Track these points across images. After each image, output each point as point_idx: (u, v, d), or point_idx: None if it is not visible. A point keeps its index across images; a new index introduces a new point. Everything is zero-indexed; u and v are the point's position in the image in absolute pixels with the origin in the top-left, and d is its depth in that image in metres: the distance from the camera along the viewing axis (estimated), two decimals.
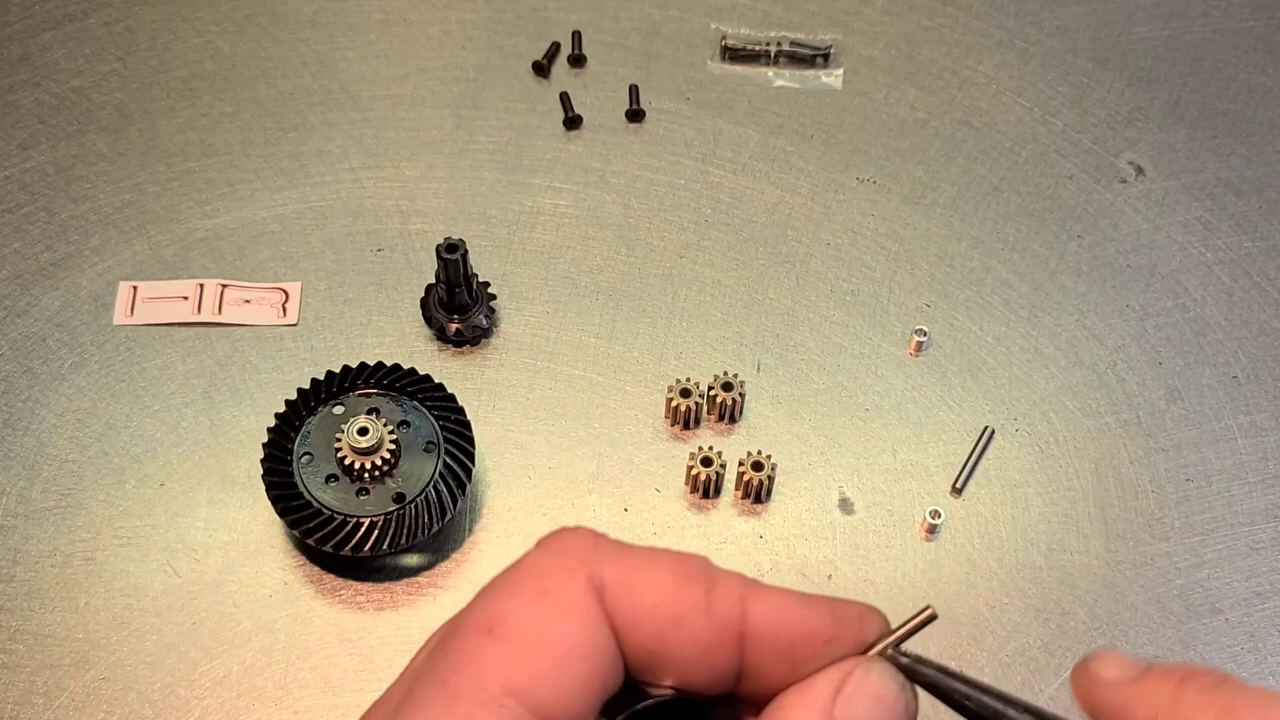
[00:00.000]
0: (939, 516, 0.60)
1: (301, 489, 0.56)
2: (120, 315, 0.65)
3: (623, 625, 0.30)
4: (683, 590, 0.30)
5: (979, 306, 0.67)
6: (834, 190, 0.71)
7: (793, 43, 0.75)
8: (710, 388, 0.62)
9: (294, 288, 0.66)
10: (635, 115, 0.73)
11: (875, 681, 0.31)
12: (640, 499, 0.61)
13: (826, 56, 0.75)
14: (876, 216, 0.70)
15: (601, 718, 0.31)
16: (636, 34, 0.76)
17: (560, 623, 0.30)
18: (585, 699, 0.30)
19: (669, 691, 0.32)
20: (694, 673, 0.31)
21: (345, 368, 0.59)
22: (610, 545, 0.31)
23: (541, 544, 0.31)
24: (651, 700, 0.32)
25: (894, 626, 0.32)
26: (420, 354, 0.64)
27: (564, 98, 0.73)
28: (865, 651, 0.31)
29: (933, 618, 0.32)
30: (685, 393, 0.62)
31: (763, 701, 0.31)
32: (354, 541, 0.55)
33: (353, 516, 0.56)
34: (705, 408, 0.63)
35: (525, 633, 0.29)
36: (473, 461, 0.58)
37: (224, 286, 0.66)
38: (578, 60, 0.74)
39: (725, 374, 0.63)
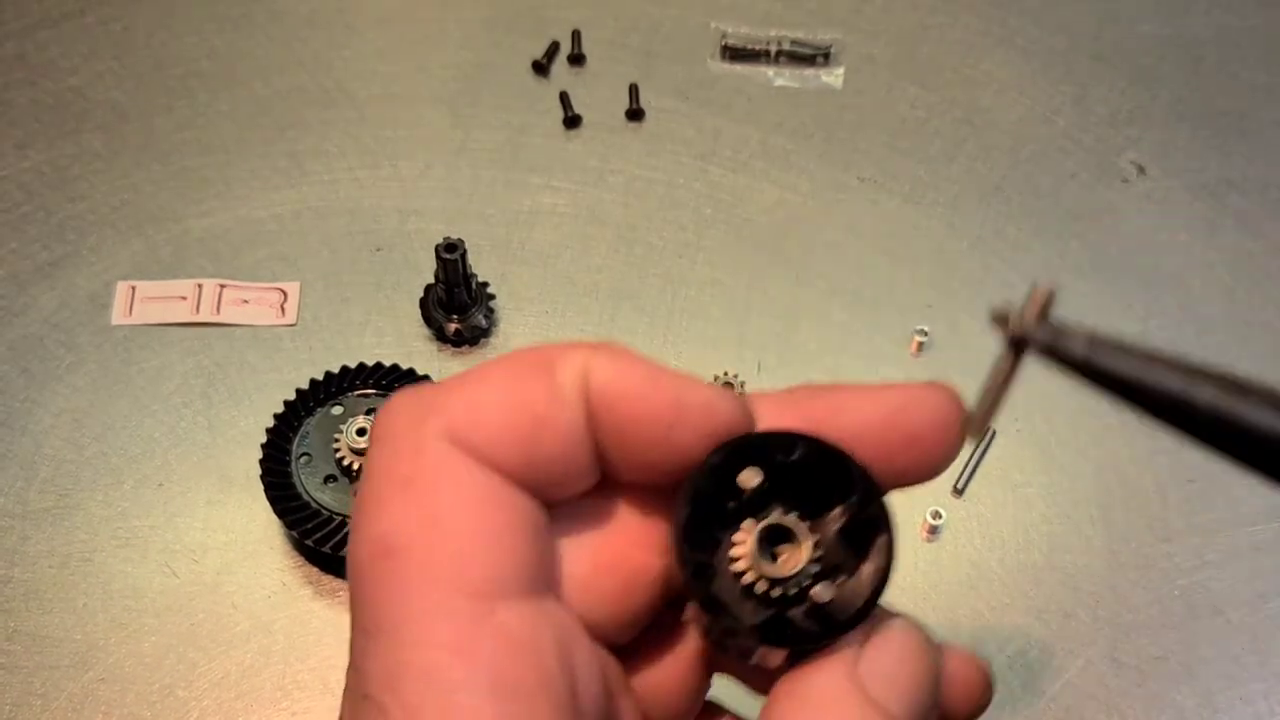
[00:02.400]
0: (940, 517, 0.60)
1: (300, 489, 0.56)
2: (118, 315, 0.64)
3: (490, 458, 0.28)
4: (524, 393, 0.28)
5: (980, 306, 0.67)
6: (835, 189, 0.70)
7: (793, 42, 0.75)
8: None
9: (292, 287, 0.66)
10: (635, 114, 0.72)
11: (899, 638, 0.29)
12: None
13: (827, 55, 0.75)
14: (877, 216, 0.70)
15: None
16: (636, 33, 0.76)
17: (441, 498, 0.27)
18: (516, 543, 0.28)
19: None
20: (566, 472, 0.29)
21: (344, 368, 0.59)
22: (434, 389, 0.28)
23: (373, 434, 0.29)
24: (768, 432, 0.30)
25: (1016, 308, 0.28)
26: (419, 354, 0.64)
27: (563, 97, 0.73)
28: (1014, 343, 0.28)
29: (1050, 295, 0.28)
30: None
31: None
32: None
33: (351, 517, 0.55)
34: None
35: (420, 535, 0.26)
36: None
37: (222, 286, 0.65)
38: (577, 59, 0.74)
39: (725, 374, 0.62)
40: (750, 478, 0.30)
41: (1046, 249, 0.69)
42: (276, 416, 0.58)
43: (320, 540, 0.55)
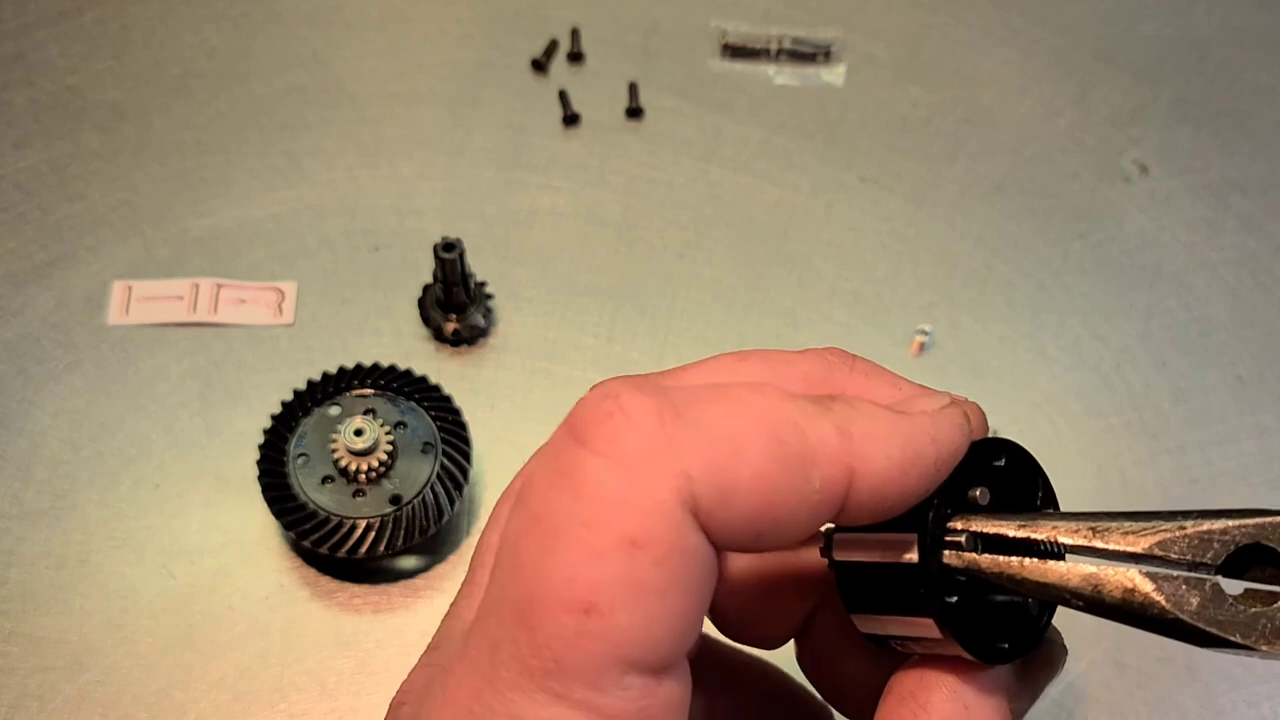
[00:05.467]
0: None
1: (297, 490, 0.56)
2: (115, 315, 0.64)
3: (719, 535, 0.26)
4: (779, 489, 0.26)
5: (982, 306, 0.66)
6: (835, 189, 0.70)
7: (794, 40, 0.75)
8: None
9: (290, 287, 0.65)
10: (634, 113, 0.72)
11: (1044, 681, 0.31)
12: None
13: (828, 54, 0.74)
14: (878, 215, 0.69)
15: None
16: (636, 31, 0.75)
17: (662, 575, 0.25)
18: (701, 616, 0.27)
19: None
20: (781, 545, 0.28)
21: (341, 368, 0.59)
22: (677, 422, 0.25)
23: (592, 443, 0.26)
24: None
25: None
26: (417, 354, 0.64)
27: (562, 95, 0.72)
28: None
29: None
30: None
31: None
32: (350, 544, 0.55)
33: (349, 518, 0.55)
34: None
35: (632, 603, 0.25)
36: (470, 463, 0.57)
37: (219, 286, 0.65)
38: (576, 57, 0.74)
39: None
40: (982, 496, 0.30)
41: (1048, 248, 0.68)
42: (274, 417, 0.58)
43: (318, 541, 0.55)
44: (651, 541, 0.25)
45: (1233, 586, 0.28)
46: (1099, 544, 0.29)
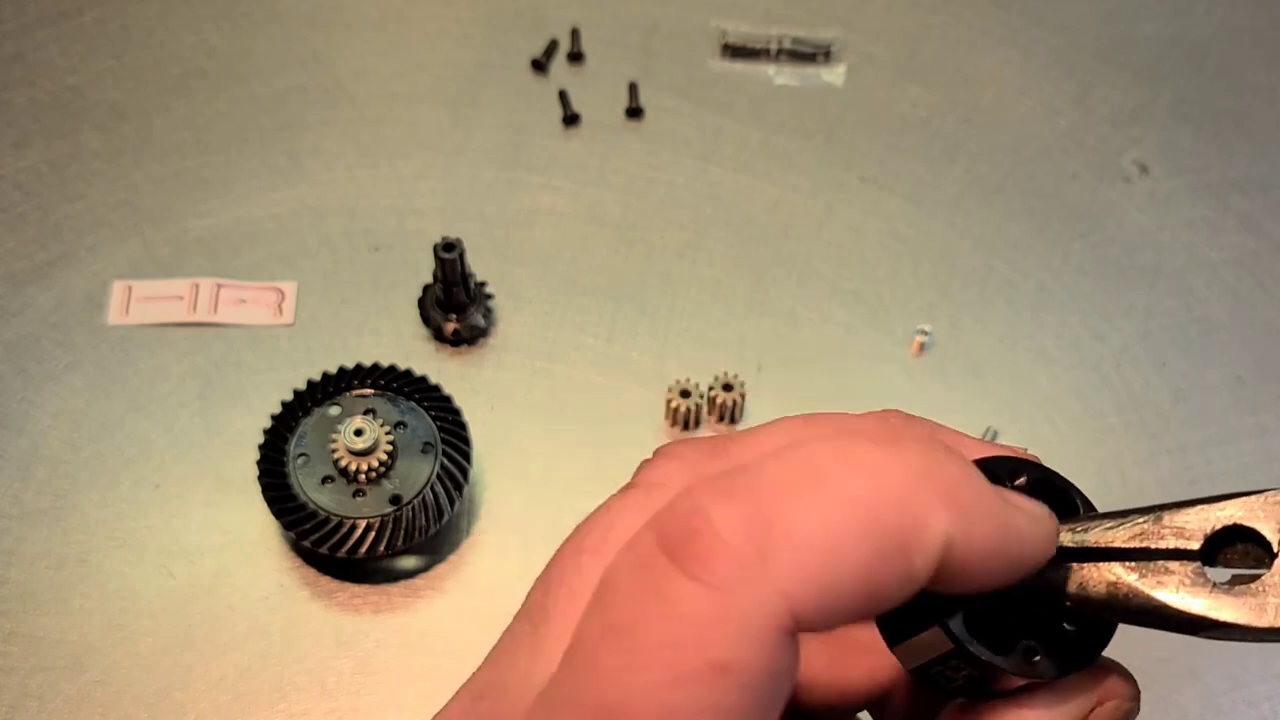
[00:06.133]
0: None
1: (297, 490, 0.56)
2: (115, 315, 0.64)
3: (814, 629, 0.25)
4: (879, 583, 0.25)
5: (982, 306, 0.66)
6: (835, 189, 0.70)
7: (794, 40, 0.75)
8: (710, 388, 0.62)
9: (290, 287, 0.65)
10: (634, 113, 0.72)
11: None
12: None
13: (828, 54, 0.74)
14: (878, 215, 0.69)
15: None
16: (636, 31, 0.75)
17: (749, 698, 0.24)
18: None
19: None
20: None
21: (341, 368, 0.59)
22: (769, 535, 0.24)
23: (682, 563, 0.24)
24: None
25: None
26: (417, 354, 0.64)
27: (562, 95, 0.72)
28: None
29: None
30: (685, 393, 0.61)
31: None
32: (350, 544, 0.55)
33: (349, 518, 0.55)
34: (705, 408, 0.62)
35: None
36: (470, 463, 0.57)
37: (219, 286, 0.65)
38: (576, 57, 0.74)
39: (725, 374, 0.62)
40: None
41: (1048, 249, 0.68)
42: (274, 417, 0.58)
43: (318, 541, 0.55)
44: (741, 668, 0.24)
45: (1219, 575, 0.28)
46: (1081, 542, 0.29)
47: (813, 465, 0.25)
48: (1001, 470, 0.31)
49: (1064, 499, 0.31)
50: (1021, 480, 0.31)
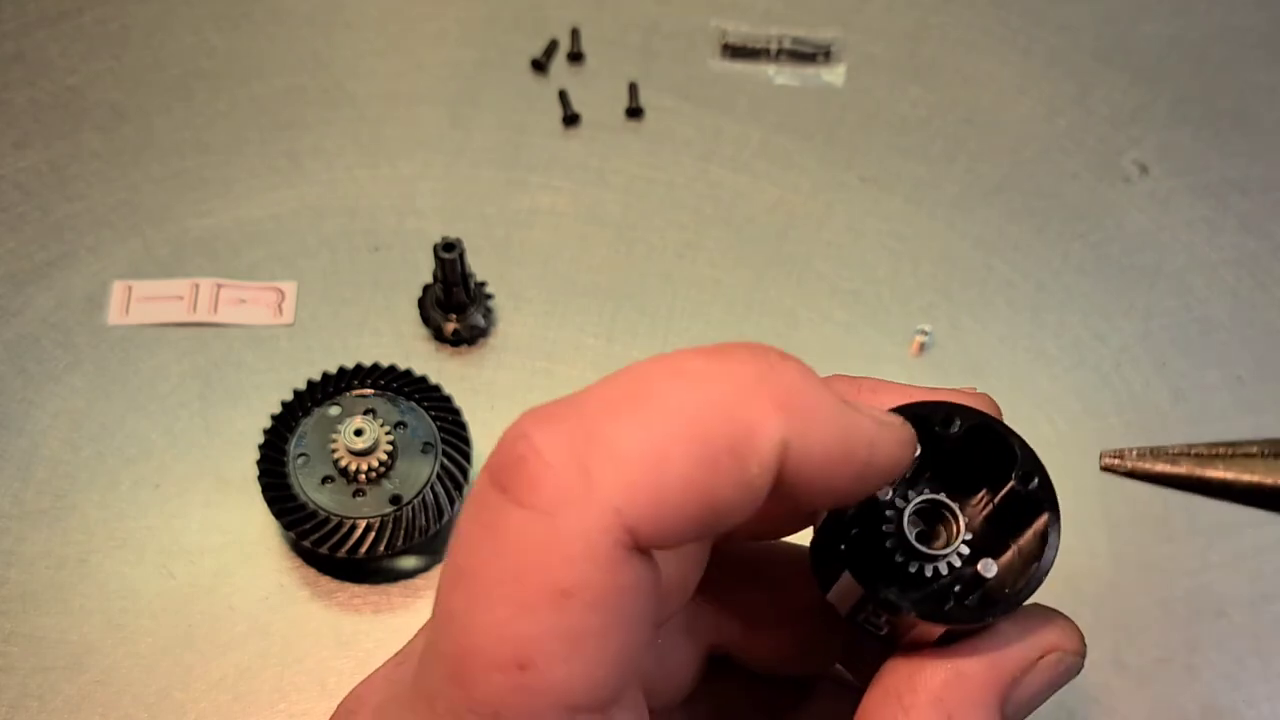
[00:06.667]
0: None
1: (297, 490, 0.56)
2: (115, 315, 0.64)
3: (661, 546, 0.25)
4: (713, 488, 0.24)
5: (982, 306, 0.66)
6: (835, 189, 0.70)
7: (794, 40, 0.75)
8: None
9: (290, 287, 0.65)
10: (634, 113, 0.72)
11: (1051, 672, 0.29)
12: None
13: (828, 54, 0.74)
14: (878, 215, 0.69)
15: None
16: (636, 31, 0.75)
17: (598, 618, 0.24)
18: (643, 649, 0.25)
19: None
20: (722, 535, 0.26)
21: (341, 368, 0.59)
22: (592, 452, 0.23)
23: (512, 491, 0.24)
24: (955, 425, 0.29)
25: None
26: (417, 354, 0.64)
27: (562, 95, 0.72)
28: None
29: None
30: None
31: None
32: (350, 544, 0.55)
33: (349, 518, 0.55)
34: None
35: (569, 654, 0.24)
36: (470, 463, 0.57)
37: (219, 286, 0.65)
38: (576, 57, 0.74)
39: None
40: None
41: (1048, 249, 0.68)
42: (274, 417, 0.58)
43: (318, 541, 0.55)
44: (583, 588, 0.23)
45: None
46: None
47: (637, 382, 0.25)
48: (935, 416, 0.30)
49: (1002, 445, 0.31)
50: (956, 426, 0.30)
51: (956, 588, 0.30)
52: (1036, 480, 0.30)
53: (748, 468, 0.24)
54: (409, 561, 0.58)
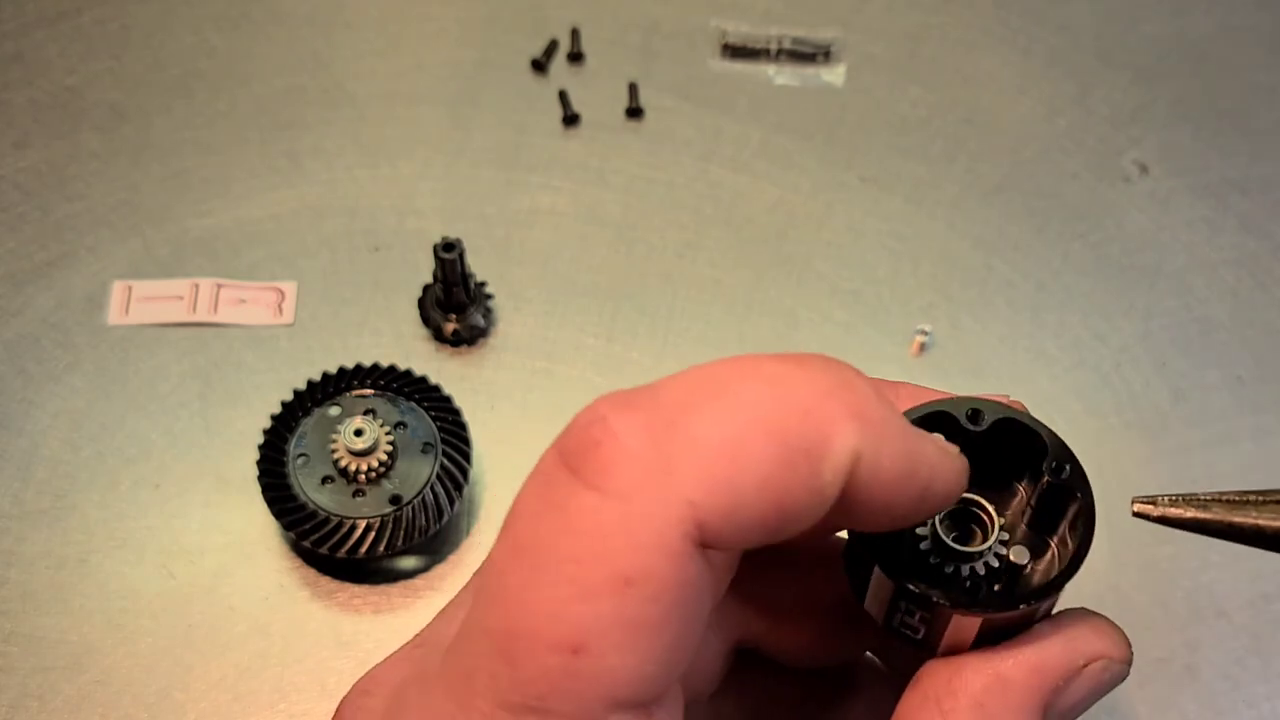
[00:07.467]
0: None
1: (297, 490, 0.56)
2: (114, 315, 0.64)
3: (725, 545, 0.24)
4: (786, 490, 0.24)
5: (982, 306, 0.66)
6: (835, 189, 0.70)
7: (794, 40, 0.75)
8: None
9: (290, 287, 0.65)
10: (634, 113, 0.72)
11: (1094, 680, 0.29)
12: None
13: (828, 54, 0.74)
14: (878, 215, 0.69)
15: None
16: (636, 31, 0.75)
17: (658, 611, 0.23)
18: (693, 646, 0.25)
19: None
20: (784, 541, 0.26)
21: (341, 368, 0.59)
22: (671, 439, 0.23)
23: (584, 474, 0.23)
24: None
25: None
26: (417, 354, 0.64)
27: (562, 95, 0.72)
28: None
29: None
30: None
31: None
32: (350, 544, 0.55)
33: (349, 518, 0.55)
34: None
35: (624, 644, 0.23)
36: (470, 463, 0.57)
37: (219, 286, 0.65)
38: (576, 57, 0.74)
39: None
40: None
41: (1048, 249, 0.68)
42: (274, 417, 0.58)
43: (318, 541, 0.55)
44: (647, 578, 0.23)
45: None
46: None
47: (714, 378, 0.25)
48: (961, 411, 0.31)
49: (1030, 436, 0.31)
50: (983, 421, 0.30)
51: (992, 583, 0.30)
52: (1069, 468, 0.30)
53: (821, 473, 0.24)
54: (409, 562, 0.58)
